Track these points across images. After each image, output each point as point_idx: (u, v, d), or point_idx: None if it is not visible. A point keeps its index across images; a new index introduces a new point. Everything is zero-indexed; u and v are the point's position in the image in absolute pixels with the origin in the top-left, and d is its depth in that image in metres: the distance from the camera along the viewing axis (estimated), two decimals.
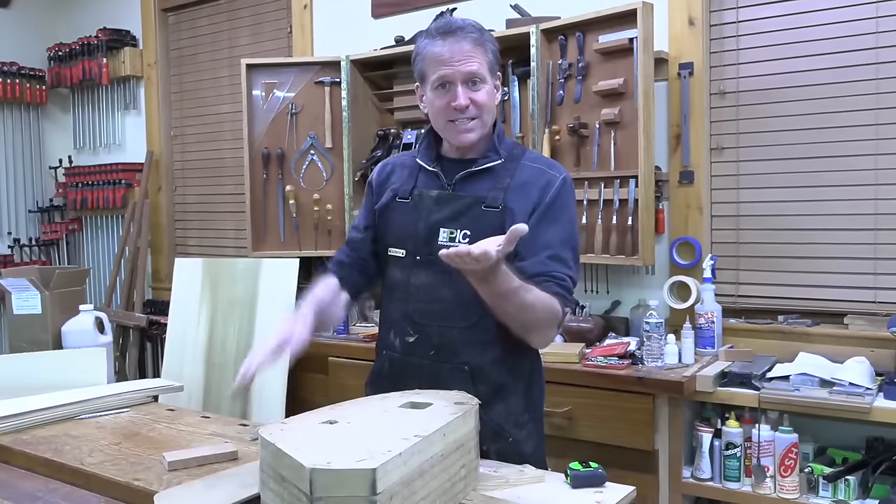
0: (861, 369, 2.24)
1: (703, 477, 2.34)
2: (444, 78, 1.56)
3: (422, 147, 1.71)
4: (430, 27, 1.62)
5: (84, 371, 2.19)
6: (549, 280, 1.52)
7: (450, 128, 1.60)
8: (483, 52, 1.58)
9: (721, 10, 2.72)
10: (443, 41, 1.56)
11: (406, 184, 1.68)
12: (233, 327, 3.27)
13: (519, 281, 1.43)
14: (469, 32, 1.57)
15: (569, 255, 1.58)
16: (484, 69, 1.57)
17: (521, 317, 1.48)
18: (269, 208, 3.52)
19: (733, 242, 2.73)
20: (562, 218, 1.59)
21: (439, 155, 1.68)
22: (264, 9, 3.96)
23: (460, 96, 1.55)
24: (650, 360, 2.42)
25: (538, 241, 1.55)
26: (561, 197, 1.60)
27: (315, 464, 1.05)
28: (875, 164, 2.48)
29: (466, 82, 1.56)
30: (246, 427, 1.83)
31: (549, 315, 1.50)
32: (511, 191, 1.59)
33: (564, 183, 1.61)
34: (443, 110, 1.58)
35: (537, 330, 1.53)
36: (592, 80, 2.75)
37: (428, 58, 1.58)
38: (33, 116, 4.74)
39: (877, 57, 2.47)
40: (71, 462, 1.58)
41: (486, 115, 1.60)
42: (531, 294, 1.45)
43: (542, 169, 1.63)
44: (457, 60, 1.55)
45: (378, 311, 1.80)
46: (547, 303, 1.49)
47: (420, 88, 1.66)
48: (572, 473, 1.35)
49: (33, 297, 3.41)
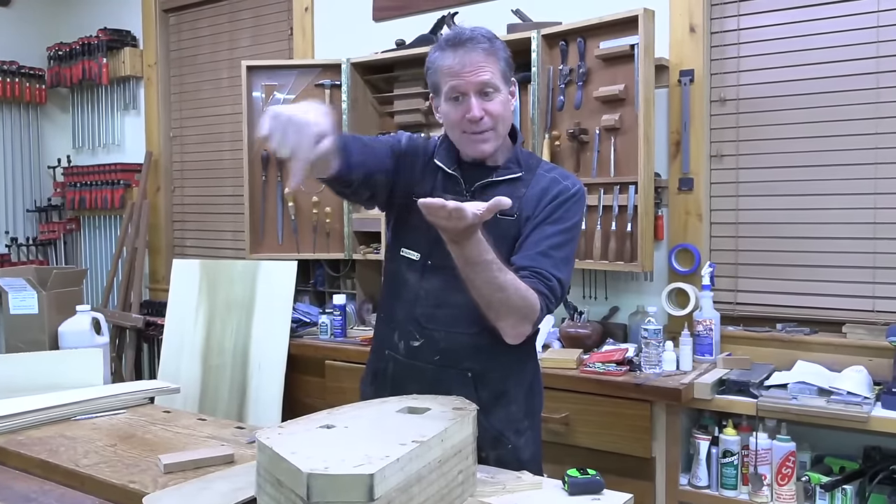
0: (859, 378, 2.24)
1: (700, 485, 2.34)
2: (457, 90, 1.55)
3: (441, 149, 1.68)
4: (441, 39, 1.62)
5: (80, 372, 2.18)
6: (536, 276, 1.51)
7: (465, 139, 1.59)
8: (495, 61, 1.56)
9: (722, 18, 2.72)
10: (453, 53, 1.55)
11: (426, 184, 1.65)
12: (230, 329, 3.27)
13: (495, 257, 1.41)
14: (479, 42, 1.55)
15: (562, 257, 1.56)
16: (497, 78, 1.56)
17: (490, 294, 1.44)
18: (267, 210, 3.52)
19: (732, 250, 2.73)
20: (563, 223, 1.58)
21: (459, 159, 1.66)
22: (265, 11, 3.96)
23: (474, 108, 1.54)
24: (648, 366, 2.42)
25: (534, 238, 1.56)
26: (569, 204, 1.60)
27: (312, 468, 1.04)
28: (874, 174, 2.48)
29: (479, 93, 1.54)
30: (242, 430, 1.82)
31: (522, 304, 1.46)
32: (526, 200, 1.59)
33: (576, 194, 1.61)
34: (457, 122, 1.58)
35: (506, 316, 1.48)
36: (593, 86, 2.75)
37: (440, 70, 1.57)
38: (32, 116, 4.73)
39: (877, 66, 2.47)
40: (66, 463, 1.58)
41: (501, 125, 1.59)
42: (505, 275, 1.43)
43: (556, 179, 1.63)
44: (468, 72, 1.54)
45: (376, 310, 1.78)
46: (522, 291, 1.45)
47: (435, 100, 1.65)
48: (570, 480, 1.34)
49: (30, 296, 3.40)
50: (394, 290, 1.69)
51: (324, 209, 3.44)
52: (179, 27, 4.36)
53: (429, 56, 1.62)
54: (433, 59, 1.60)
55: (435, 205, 1.28)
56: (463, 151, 1.64)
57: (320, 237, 3.48)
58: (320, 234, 3.48)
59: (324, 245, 3.46)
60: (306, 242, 3.49)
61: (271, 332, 3.18)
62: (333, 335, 3.12)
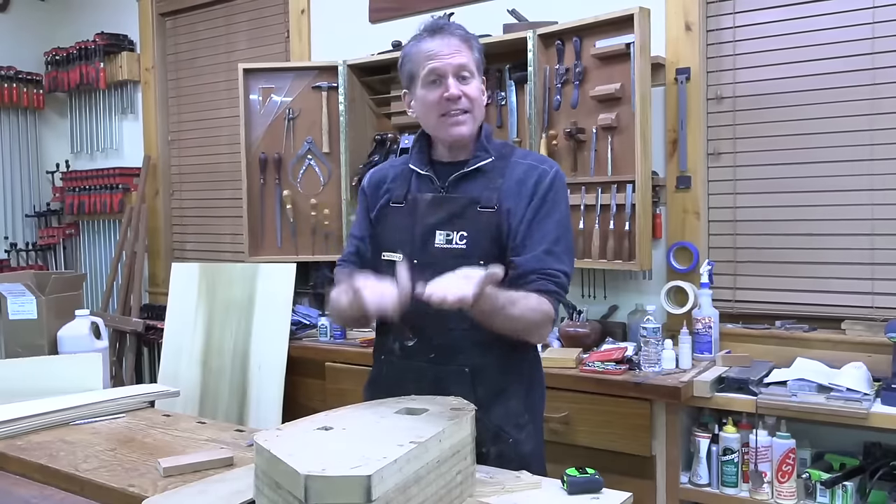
0: (858, 375, 2.24)
1: (701, 483, 2.34)
2: (436, 71, 1.58)
3: (413, 152, 1.72)
4: (417, 29, 1.66)
5: (80, 376, 2.19)
6: (544, 277, 1.55)
7: (442, 122, 1.61)
8: (470, 49, 1.62)
9: (718, 16, 2.72)
10: (431, 38, 1.60)
11: (399, 188, 1.69)
12: (229, 332, 3.27)
13: (504, 297, 1.45)
14: (456, 29, 1.62)
15: (562, 249, 1.60)
16: (472, 65, 1.61)
17: (512, 326, 1.52)
18: (266, 213, 3.52)
19: (730, 247, 2.73)
20: (555, 212, 1.61)
21: (431, 159, 1.69)
22: (262, 13, 3.96)
23: (452, 86, 1.57)
24: (647, 365, 2.42)
25: (533, 236, 1.58)
26: (553, 191, 1.61)
27: (310, 470, 1.04)
28: (871, 170, 2.48)
29: (457, 75, 1.58)
30: (242, 433, 1.83)
31: (541, 317, 1.54)
32: (505, 190, 1.60)
33: (556, 176, 1.63)
34: (435, 104, 1.60)
35: (530, 333, 1.58)
36: (589, 85, 2.76)
37: (417, 56, 1.61)
38: (30, 121, 4.74)
39: (873, 63, 2.47)
40: (66, 468, 1.58)
41: (477, 110, 1.63)
42: (517, 307, 1.48)
43: (533, 165, 1.65)
44: (447, 54, 1.58)
45: None
46: (536, 307, 1.52)
47: (408, 94, 1.68)
48: (569, 479, 1.34)
49: (29, 301, 3.40)
50: None
51: (322, 211, 3.45)
52: (176, 31, 4.36)
53: (404, 48, 1.67)
54: (409, 47, 1.65)
55: (436, 300, 1.33)
56: (439, 137, 1.66)
57: (319, 239, 3.48)
58: (319, 237, 3.48)
59: (322, 247, 3.46)
60: (305, 245, 3.49)
61: (271, 334, 3.18)
62: (333, 337, 3.12)
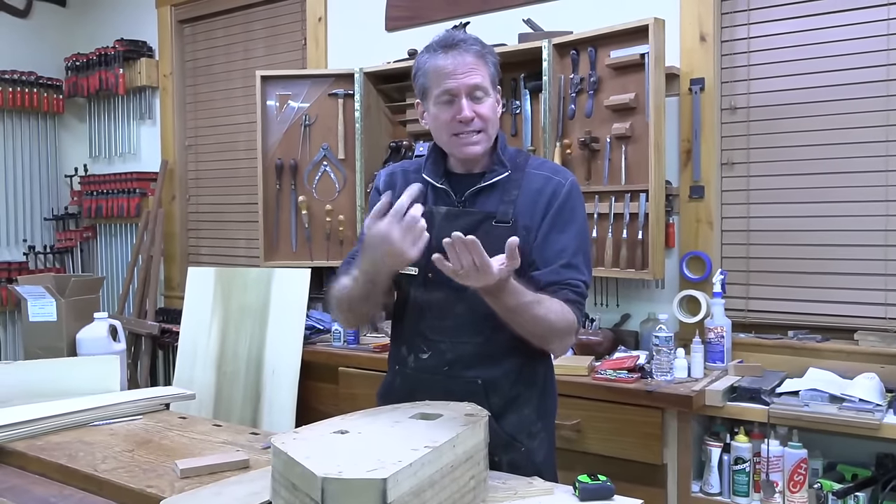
0: (871, 385, 2.24)
1: (712, 492, 2.34)
2: (449, 91, 1.55)
3: (428, 163, 1.69)
4: (431, 42, 1.61)
5: (98, 378, 2.21)
6: (564, 287, 1.54)
7: (454, 141, 1.59)
8: (485, 65, 1.57)
9: (732, 27, 2.73)
10: (445, 54, 1.55)
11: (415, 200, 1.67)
12: (244, 336, 3.29)
13: (530, 294, 1.44)
14: (471, 45, 1.56)
15: (581, 260, 1.58)
16: (487, 82, 1.57)
17: (535, 329, 1.50)
18: (281, 218, 3.55)
19: (743, 257, 2.73)
20: (571, 223, 1.59)
21: (447, 171, 1.67)
22: (279, 21, 4.00)
23: (465, 109, 1.54)
24: (659, 373, 2.42)
25: (551, 249, 1.57)
26: (569, 202, 1.60)
27: (327, 473, 1.06)
28: (886, 181, 2.48)
29: (470, 95, 1.55)
30: (257, 436, 1.84)
31: (565, 324, 1.52)
32: (520, 204, 1.59)
33: (571, 187, 1.62)
34: (447, 124, 1.57)
35: (553, 339, 1.54)
36: (604, 94, 2.77)
37: (431, 72, 1.57)
38: (50, 125, 4.80)
39: (888, 73, 2.47)
40: (84, 468, 1.60)
41: (491, 128, 1.60)
42: (542, 306, 1.47)
43: (548, 176, 1.63)
44: (461, 73, 1.54)
45: (389, 323, 1.80)
46: (560, 313, 1.50)
47: (421, 105, 1.65)
48: (581, 486, 1.35)
49: (49, 304, 3.44)
50: (399, 308, 1.70)
51: (337, 217, 3.47)
52: (194, 38, 4.41)
53: (418, 59, 1.62)
54: (423, 61, 1.60)
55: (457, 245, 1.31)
56: (452, 154, 1.64)
57: (333, 245, 3.50)
58: (333, 242, 3.50)
59: (337, 252, 3.48)
60: (320, 250, 3.52)
61: (285, 339, 3.20)
62: (346, 342, 3.14)
